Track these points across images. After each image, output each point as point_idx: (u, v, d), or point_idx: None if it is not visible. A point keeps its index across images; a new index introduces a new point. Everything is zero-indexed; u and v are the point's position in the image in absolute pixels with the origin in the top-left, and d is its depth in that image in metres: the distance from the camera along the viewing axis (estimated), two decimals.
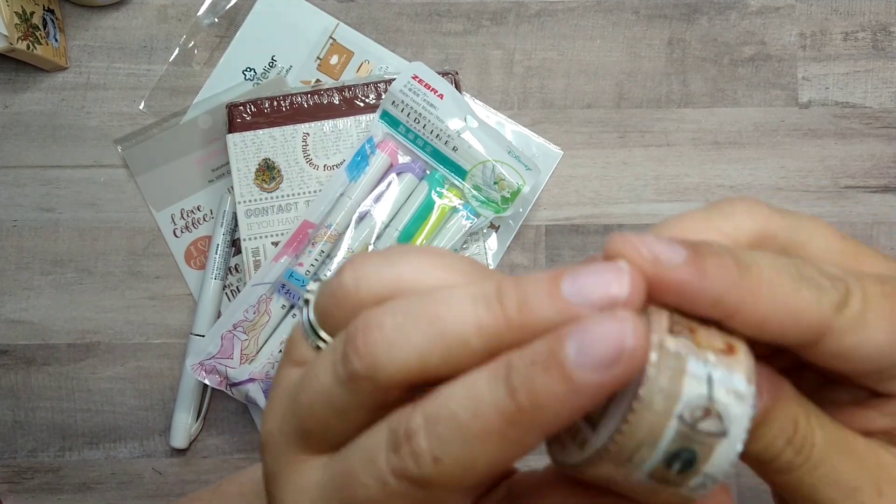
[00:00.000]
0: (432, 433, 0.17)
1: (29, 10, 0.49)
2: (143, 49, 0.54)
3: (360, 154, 0.49)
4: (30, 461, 0.52)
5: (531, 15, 0.54)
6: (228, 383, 0.49)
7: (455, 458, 0.17)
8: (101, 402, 0.52)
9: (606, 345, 0.16)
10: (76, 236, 0.53)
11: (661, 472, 0.17)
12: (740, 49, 0.53)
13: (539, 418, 0.17)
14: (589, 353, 0.16)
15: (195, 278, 0.52)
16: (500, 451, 0.17)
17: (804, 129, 0.53)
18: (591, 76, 0.54)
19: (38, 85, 0.53)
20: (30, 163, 0.53)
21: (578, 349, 0.16)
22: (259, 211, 0.50)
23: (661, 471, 0.17)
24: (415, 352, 0.18)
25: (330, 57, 0.53)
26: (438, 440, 0.17)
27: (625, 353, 0.16)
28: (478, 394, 0.17)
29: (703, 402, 0.17)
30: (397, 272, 0.19)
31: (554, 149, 0.53)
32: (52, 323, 0.53)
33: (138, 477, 0.52)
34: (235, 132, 0.50)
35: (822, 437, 0.20)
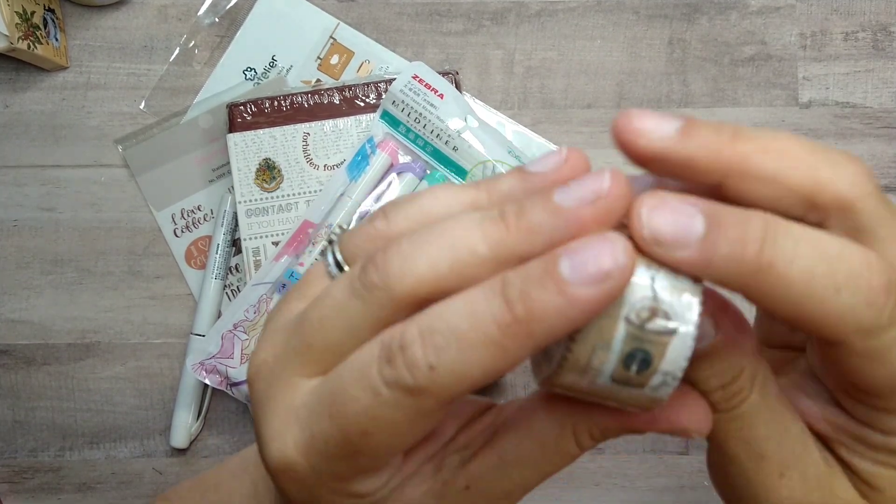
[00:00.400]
0: (428, 343, 0.18)
1: (29, 10, 0.49)
2: (144, 49, 0.54)
3: (361, 154, 0.49)
4: (30, 461, 0.52)
5: (531, 15, 0.54)
6: (229, 383, 0.49)
7: (450, 366, 0.18)
8: (101, 401, 0.52)
9: (598, 262, 0.17)
10: (76, 236, 0.53)
11: (621, 374, 0.19)
12: (741, 49, 0.53)
13: (533, 329, 0.18)
14: (582, 269, 0.17)
15: (195, 278, 0.52)
16: (493, 360, 0.18)
17: (804, 129, 0.53)
18: (592, 76, 0.54)
19: (39, 84, 0.53)
20: (30, 162, 0.53)
21: (572, 266, 0.17)
22: (259, 211, 0.50)
23: (620, 372, 0.19)
24: (428, 262, 0.19)
25: (330, 57, 0.53)
26: (435, 349, 0.18)
27: (615, 270, 0.17)
28: (476, 307, 0.18)
29: (648, 303, 0.18)
30: (419, 205, 0.21)
31: (554, 149, 0.53)
32: (53, 322, 0.53)
33: (138, 477, 0.52)
34: (236, 132, 0.50)
35: (758, 399, 0.21)
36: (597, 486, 0.51)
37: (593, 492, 0.51)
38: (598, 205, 0.18)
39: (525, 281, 0.18)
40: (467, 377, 0.18)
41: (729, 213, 0.18)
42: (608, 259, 0.17)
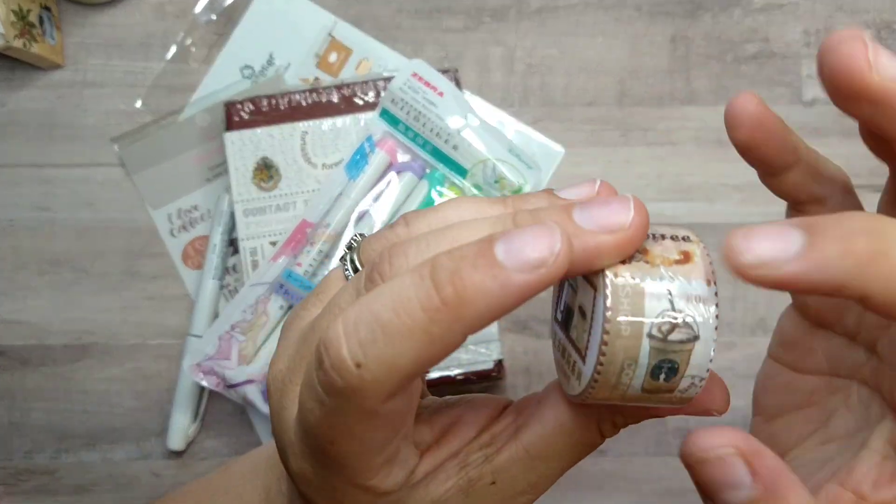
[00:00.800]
0: (352, 339, 0.18)
1: (25, 8, 0.49)
2: (141, 46, 0.53)
3: (360, 153, 0.49)
4: (26, 463, 0.52)
5: (532, 11, 0.53)
6: (226, 385, 0.48)
7: (378, 359, 0.18)
8: (97, 403, 0.52)
9: (535, 248, 0.17)
10: (73, 236, 0.53)
11: (650, 384, 0.19)
12: (744, 46, 0.53)
13: (462, 313, 0.17)
14: (518, 254, 0.17)
15: (193, 278, 0.52)
16: (422, 348, 0.18)
17: (809, 128, 0.53)
18: (593, 73, 0.53)
19: (35, 83, 0.53)
20: (26, 161, 0.53)
21: (507, 250, 0.17)
22: (257, 210, 0.50)
23: (650, 383, 0.19)
24: None
25: (329, 54, 0.53)
26: (360, 344, 0.18)
27: (550, 258, 0.17)
28: (402, 293, 0.18)
29: (668, 315, 0.18)
30: (442, 214, 0.21)
31: (555, 147, 0.52)
32: (49, 323, 0.52)
33: (135, 479, 0.52)
34: (233, 130, 0.50)
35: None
36: (599, 488, 0.51)
37: (596, 494, 0.51)
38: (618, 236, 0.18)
39: (457, 262, 0.17)
40: (398, 369, 0.18)
41: (824, 218, 0.17)
42: (545, 246, 0.17)
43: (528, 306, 0.52)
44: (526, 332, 0.52)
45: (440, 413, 0.24)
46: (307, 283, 0.47)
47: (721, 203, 0.52)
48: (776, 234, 0.17)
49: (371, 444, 0.20)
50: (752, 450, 0.18)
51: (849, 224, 0.17)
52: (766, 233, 0.17)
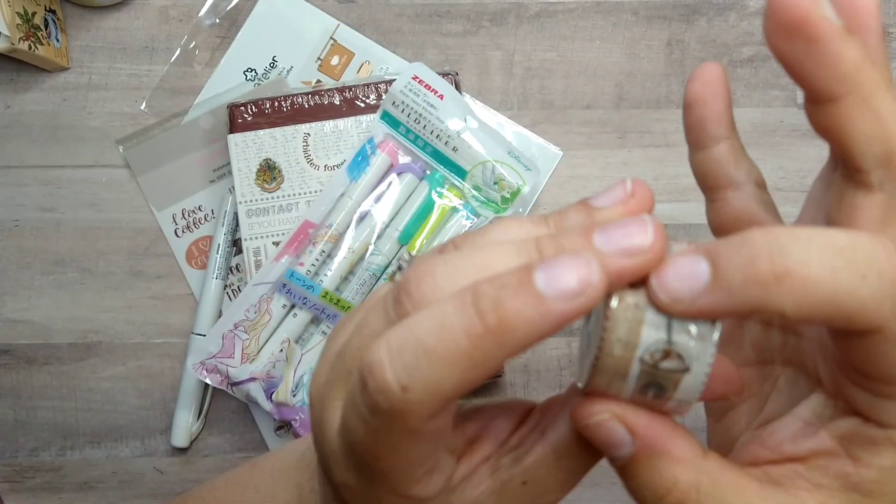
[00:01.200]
0: (398, 362, 0.18)
1: (30, 11, 0.49)
2: (145, 49, 0.54)
3: (361, 154, 0.49)
4: (31, 460, 0.53)
5: (531, 16, 0.54)
6: (229, 382, 0.49)
7: (422, 383, 0.18)
8: (102, 401, 0.53)
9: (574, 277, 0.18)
10: (77, 236, 0.53)
11: (639, 397, 0.20)
12: (739, 50, 0.54)
13: (503, 340, 0.18)
14: (557, 283, 0.18)
15: (196, 278, 0.53)
16: (465, 373, 0.18)
17: (803, 130, 0.53)
18: (591, 77, 0.54)
19: (40, 85, 0.54)
20: (31, 163, 0.53)
21: (547, 279, 0.18)
22: (260, 211, 0.50)
23: (639, 395, 0.20)
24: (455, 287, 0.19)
25: (331, 58, 0.53)
26: (405, 368, 0.18)
27: (588, 288, 0.18)
28: (446, 319, 0.18)
29: (662, 346, 0.19)
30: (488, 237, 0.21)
31: (554, 149, 0.53)
32: (54, 322, 0.53)
33: (139, 476, 0.52)
34: (236, 132, 0.50)
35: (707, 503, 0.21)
36: (596, 485, 0.52)
37: (593, 491, 0.52)
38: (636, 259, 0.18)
39: (498, 291, 0.18)
40: (441, 392, 0.18)
41: (727, 244, 0.18)
42: (583, 275, 0.18)
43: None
44: None
45: (471, 418, 0.24)
46: (309, 282, 0.48)
47: None
48: (685, 267, 0.18)
49: (415, 458, 0.20)
50: (627, 412, 0.20)
51: (749, 248, 0.18)
52: (676, 268, 0.19)
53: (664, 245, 0.19)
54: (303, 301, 0.48)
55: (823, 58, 0.19)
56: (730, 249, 0.18)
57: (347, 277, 0.49)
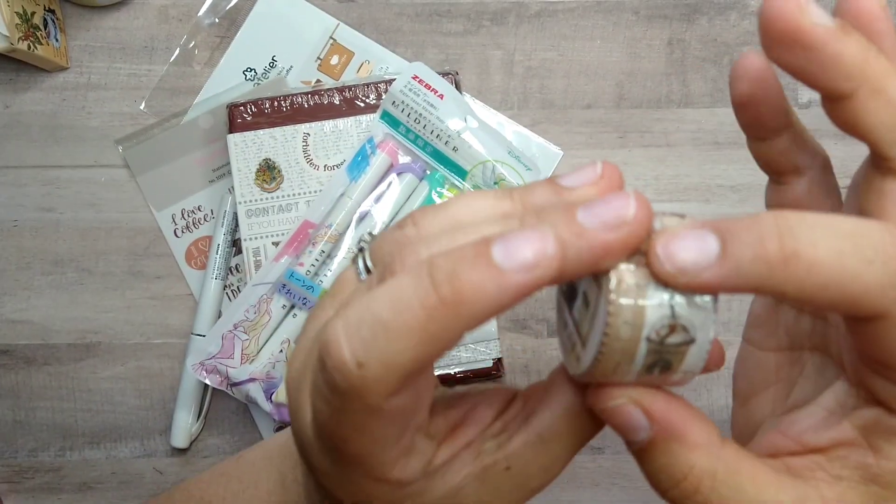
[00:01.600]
0: (354, 338, 0.18)
1: (30, 11, 0.49)
2: (144, 49, 0.54)
3: (361, 154, 0.49)
4: (30, 461, 0.52)
5: (531, 15, 0.54)
6: (229, 383, 0.49)
7: (379, 358, 0.18)
8: (101, 401, 0.53)
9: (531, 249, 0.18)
10: (77, 236, 0.53)
11: (644, 376, 0.20)
12: (740, 49, 0.54)
13: (460, 311, 0.18)
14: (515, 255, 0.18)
15: (196, 278, 0.53)
16: (422, 347, 0.18)
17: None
18: (591, 76, 0.54)
19: (39, 85, 0.53)
20: (30, 163, 0.53)
21: (505, 251, 0.18)
22: (260, 211, 0.50)
23: (644, 375, 0.20)
24: None
25: (330, 57, 0.53)
26: (361, 344, 0.18)
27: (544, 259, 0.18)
28: (402, 293, 0.18)
29: (667, 322, 0.19)
30: (449, 212, 0.21)
31: (554, 149, 0.53)
32: (53, 323, 0.53)
33: (139, 476, 0.52)
34: (236, 132, 0.50)
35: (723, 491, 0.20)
36: (596, 485, 0.52)
37: (592, 491, 0.52)
38: (622, 230, 0.18)
39: (455, 263, 0.18)
40: (398, 367, 0.18)
41: (738, 222, 0.18)
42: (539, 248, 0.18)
43: (527, 306, 0.52)
44: (525, 330, 0.52)
45: (454, 405, 0.24)
46: (309, 282, 0.48)
47: (717, 204, 0.53)
48: (693, 240, 0.18)
49: (383, 439, 0.20)
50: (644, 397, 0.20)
51: (760, 227, 0.18)
52: (685, 240, 0.18)
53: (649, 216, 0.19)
54: (302, 301, 0.48)
55: (824, 61, 0.19)
56: (740, 227, 0.18)
57: None
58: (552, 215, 0.19)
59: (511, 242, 0.18)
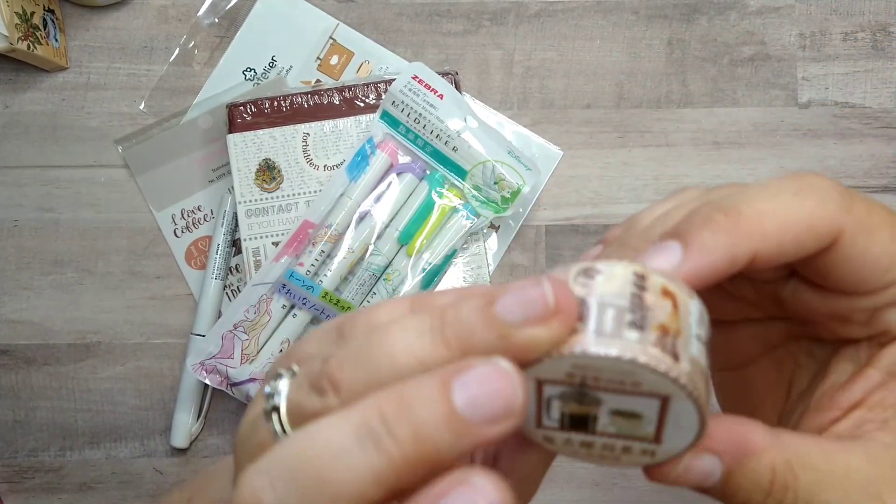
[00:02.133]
0: (268, 496, 0.16)
1: (29, 11, 0.49)
2: (144, 49, 0.54)
3: (361, 154, 0.49)
4: (30, 461, 0.52)
5: (531, 15, 0.54)
6: (229, 383, 0.49)
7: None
8: (101, 401, 0.53)
9: (496, 398, 0.16)
10: (76, 236, 0.53)
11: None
12: (740, 49, 0.54)
13: (415, 468, 0.16)
14: (480, 407, 0.16)
15: (196, 278, 0.53)
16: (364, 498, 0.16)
17: (804, 129, 0.53)
18: (591, 76, 0.54)
19: (39, 85, 0.53)
20: (30, 163, 0.53)
21: (467, 399, 0.16)
22: (259, 211, 0.50)
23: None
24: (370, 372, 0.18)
25: (330, 57, 0.53)
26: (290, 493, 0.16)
27: (517, 407, 0.16)
28: (338, 447, 0.16)
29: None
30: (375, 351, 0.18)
31: (554, 149, 0.53)
32: (53, 323, 0.53)
33: (139, 476, 0.52)
34: (236, 132, 0.50)
35: (805, 477, 0.20)
36: (596, 485, 0.52)
37: (592, 491, 0.52)
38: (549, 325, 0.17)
39: (409, 416, 0.16)
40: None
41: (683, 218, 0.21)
42: (509, 394, 0.16)
43: None
44: None
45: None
46: (309, 282, 0.48)
47: None
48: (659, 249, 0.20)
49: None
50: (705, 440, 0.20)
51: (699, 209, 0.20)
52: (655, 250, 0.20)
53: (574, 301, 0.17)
54: (302, 301, 0.48)
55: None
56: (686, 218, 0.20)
57: (347, 278, 0.49)
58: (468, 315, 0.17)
59: (472, 387, 0.16)
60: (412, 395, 0.16)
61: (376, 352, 0.17)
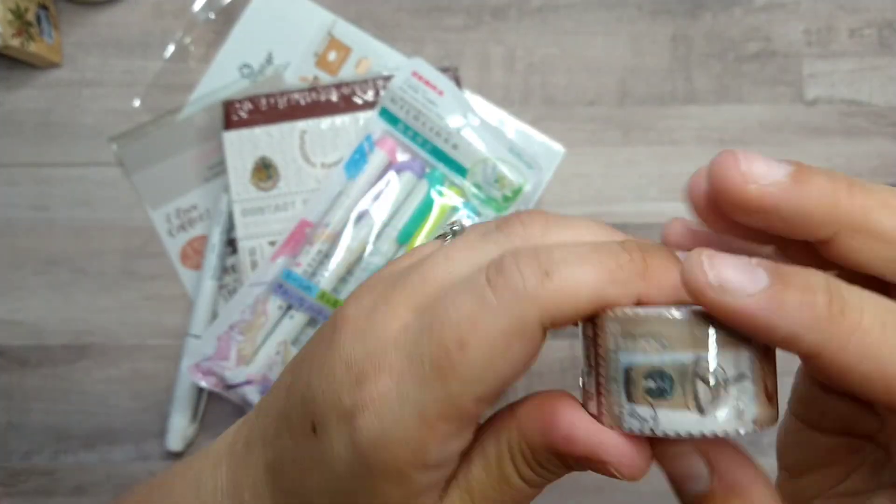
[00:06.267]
0: (544, 256, 0.19)
1: (23, 7, 0.49)
2: (139, 45, 0.53)
3: (359, 152, 0.49)
4: (24, 464, 0.52)
5: (533, 10, 0.53)
6: (225, 385, 0.48)
7: (564, 277, 0.19)
8: (95, 404, 0.52)
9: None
10: (70, 235, 0.52)
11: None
12: (745, 45, 0.53)
13: (647, 275, 0.19)
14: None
15: (191, 278, 0.52)
16: (605, 284, 0.19)
17: (810, 127, 0.52)
18: (594, 72, 0.53)
19: (32, 82, 0.53)
20: (23, 161, 0.53)
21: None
22: (256, 210, 0.49)
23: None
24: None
25: (328, 53, 0.52)
26: (551, 261, 0.19)
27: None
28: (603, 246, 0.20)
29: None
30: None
31: (556, 146, 0.52)
32: (47, 323, 0.52)
33: (134, 480, 0.52)
34: (232, 129, 0.50)
35: None
36: (600, 490, 0.51)
37: (596, 497, 0.51)
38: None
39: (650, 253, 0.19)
40: (576, 295, 0.18)
41: (789, 268, 0.17)
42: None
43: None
44: None
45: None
46: (306, 282, 0.47)
47: None
48: (742, 267, 0.17)
49: (495, 364, 0.19)
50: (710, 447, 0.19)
51: (812, 278, 0.17)
52: (733, 263, 0.17)
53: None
54: (300, 302, 0.48)
55: (787, 218, 0.19)
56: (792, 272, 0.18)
57: (345, 278, 0.48)
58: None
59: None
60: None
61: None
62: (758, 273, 0.17)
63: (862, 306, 0.17)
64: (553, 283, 0.18)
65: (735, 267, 0.17)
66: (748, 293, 0.17)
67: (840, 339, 0.17)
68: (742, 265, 0.17)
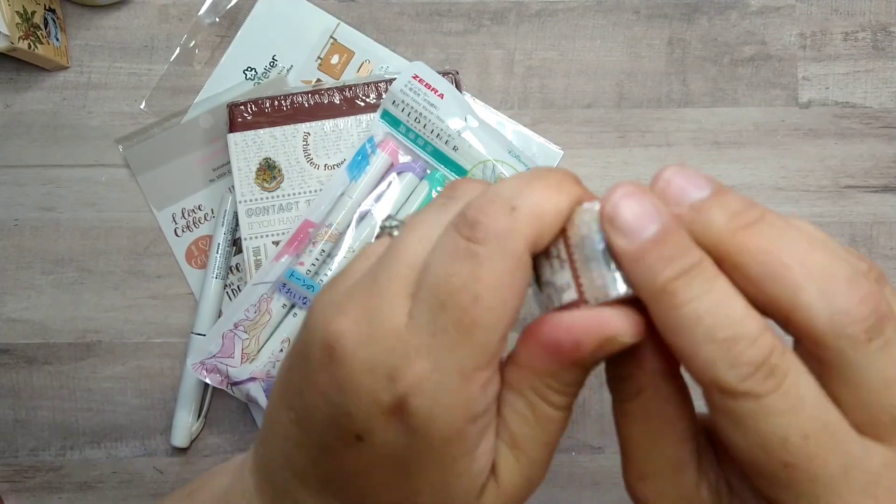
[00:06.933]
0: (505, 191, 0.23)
1: (30, 10, 0.49)
2: (145, 48, 0.54)
3: (361, 153, 0.49)
4: (31, 460, 0.52)
5: (531, 15, 0.54)
6: (229, 382, 0.49)
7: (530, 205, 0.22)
8: (102, 401, 0.53)
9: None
10: (77, 236, 0.53)
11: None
12: (740, 49, 0.53)
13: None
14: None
15: (196, 277, 0.53)
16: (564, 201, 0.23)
17: (804, 129, 0.53)
18: (592, 76, 0.54)
19: (40, 84, 0.53)
20: (31, 162, 0.53)
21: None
22: (260, 210, 0.50)
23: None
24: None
25: (331, 57, 0.53)
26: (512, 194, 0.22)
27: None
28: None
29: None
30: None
31: (554, 148, 0.53)
32: (53, 322, 0.53)
33: (139, 476, 0.52)
34: (236, 131, 0.50)
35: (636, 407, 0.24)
36: (596, 485, 0.52)
37: (593, 491, 0.52)
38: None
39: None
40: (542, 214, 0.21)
41: (677, 236, 0.20)
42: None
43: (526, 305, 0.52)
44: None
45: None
46: (310, 281, 0.48)
47: None
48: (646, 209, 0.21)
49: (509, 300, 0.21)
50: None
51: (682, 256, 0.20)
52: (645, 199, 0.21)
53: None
54: (303, 301, 0.48)
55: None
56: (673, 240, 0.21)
57: None
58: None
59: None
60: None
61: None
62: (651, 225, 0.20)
63: (694, 298, 0.20)
64: (521, 213, 0.21)
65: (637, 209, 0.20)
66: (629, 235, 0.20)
67: (661, 312, 0.20)
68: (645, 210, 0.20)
